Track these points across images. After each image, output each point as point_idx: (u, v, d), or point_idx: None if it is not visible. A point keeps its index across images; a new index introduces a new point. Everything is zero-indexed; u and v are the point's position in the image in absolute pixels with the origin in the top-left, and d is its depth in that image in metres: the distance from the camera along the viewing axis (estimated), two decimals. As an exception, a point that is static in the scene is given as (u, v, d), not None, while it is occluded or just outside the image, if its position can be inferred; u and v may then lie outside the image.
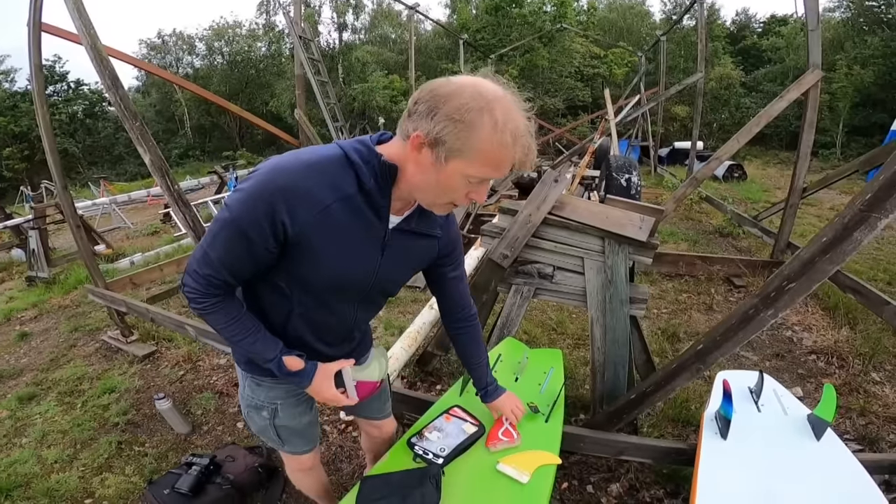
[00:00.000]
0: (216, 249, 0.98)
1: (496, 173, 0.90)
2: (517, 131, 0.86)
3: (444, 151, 0.87)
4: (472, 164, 0.87)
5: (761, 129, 4.45)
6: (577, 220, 1.94)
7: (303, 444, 1.45)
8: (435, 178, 0.92)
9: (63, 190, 3.40)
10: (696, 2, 8.56)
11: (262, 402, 1.31)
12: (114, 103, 2.54)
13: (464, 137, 0.85)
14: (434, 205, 1.00)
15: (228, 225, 0.94)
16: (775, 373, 2.98)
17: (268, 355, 1.10)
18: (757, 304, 1.38)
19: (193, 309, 1.05)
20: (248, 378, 1.30)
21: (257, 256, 0.98)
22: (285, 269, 1.04)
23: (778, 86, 20.08)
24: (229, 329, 1.08)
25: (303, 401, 1.36)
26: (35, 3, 3.00)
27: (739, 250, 5.56)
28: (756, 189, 9.92)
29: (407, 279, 1.23)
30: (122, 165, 24.08)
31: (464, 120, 0.83)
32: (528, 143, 0.88)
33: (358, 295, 1.15)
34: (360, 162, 0.95)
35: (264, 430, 1.37)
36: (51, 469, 2.42)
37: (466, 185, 0.92)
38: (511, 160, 0.88)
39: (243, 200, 0.92)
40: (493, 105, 0.84)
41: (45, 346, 3.95)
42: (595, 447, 1.93)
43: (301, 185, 0.92)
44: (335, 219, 0.96)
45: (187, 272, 1.03)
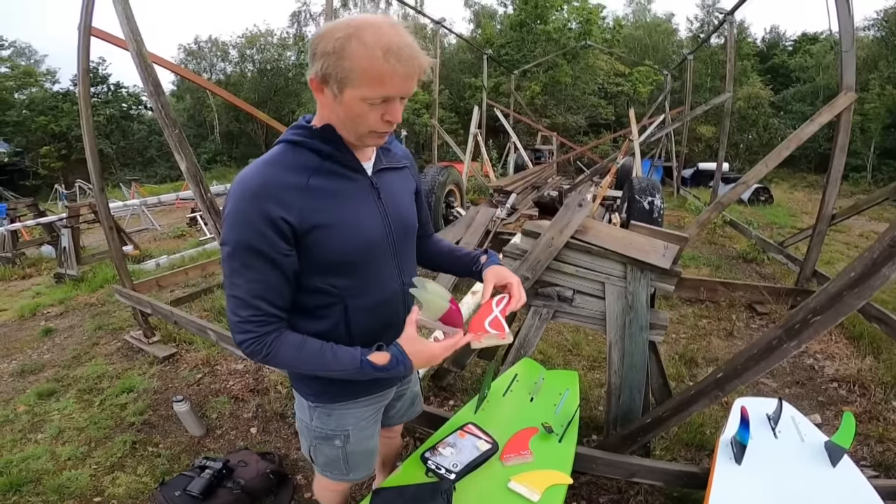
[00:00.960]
0: (240, 287, 0.98)
1: (387, 89, 0.91)
2: (388, 46, 0.88)
3: (334, 84, 0.92)
4: (359, 87, 0.91)
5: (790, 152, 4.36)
6: (599, 245, 1.94)
7: (367, 468, 1.44)
8: (342, 111, 0.96)
9: (100, 192, 3.51)
10: (725, 20, 8.48)
11: (333, 430, 1.29)
12: (155, 110, 2.62)
13: (341, 65, 0.89)
14: (361, 137, 1.02)
15: (235, 252, 0.96)
16: (795, 400, 2.92)
17: (354, 363, 1.04)
18: (781, 335, 1.36)
19: (260, 360, 1.02)
20: (316, 409, 1.27)
21: (280, 267, 0.99)
22: (316, 265, 1.05)
23: (807, 106, 19.68)
24: (303, 356, 1.03)
25: (372, 421, 1.36)
26: (87, 8, 3.09)
27: (763, 277, 5.45)
28: (782, 213, 9.71)
29: (414, 210, 1.26)
30: (153, 168, 24.75)
31: (335, 50, 0.88)
32: (408, 54, 0.90)
33: (388, 249, 1.14)
34: (303, 139, 1.02)
35: (334, 460, 1.34)
36: (63, 466, 2.45)
37: (370, 108, 0.94)
38: (393, 73, 0.90)
39: (233, 222, 0.95)
40: (360, 30, 0.88)
41: (69, 342, 4.04)
42: (607, 469, 1.91)
43: (272, 179, 0.97)
44: (323, 190, 1.01)
45: (233, 332, 1.01)
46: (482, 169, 10.02)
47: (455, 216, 6.37)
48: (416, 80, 0.95)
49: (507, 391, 1.78)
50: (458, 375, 2.95)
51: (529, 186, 7.52)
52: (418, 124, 21.09)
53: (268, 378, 3.13)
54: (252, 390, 3.05)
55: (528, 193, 7.19)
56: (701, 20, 25.54)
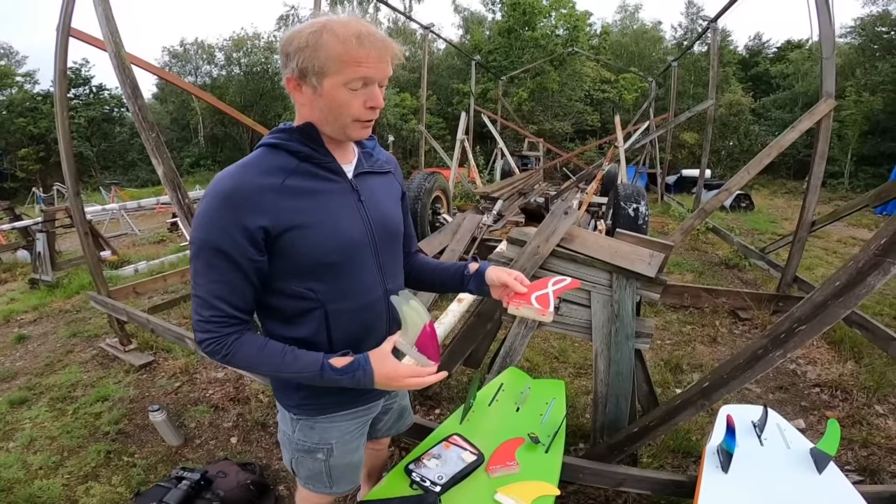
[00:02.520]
0: (203, 286, 0.97)
1: (363, 70, 0.94)
2: (358, 32, 0.92)
3: (313, 78, 0.94)
4: (337, 73, 0.93)
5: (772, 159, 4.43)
6: (585, 253, 1.92)
7: (352, 482, 1.41)
8: (324, 104, 0.97)
9: (75, 196, 3.42)
10: (709, 28, 8.63)
11: (315, 444, 1.26)
12: (132, 113, 2.57)
13: (317, 56, 0.92)
14: (345, 128, 1.02)
15: (202, 252, 0.96)
16: (778, 405, 2.95)
17: (315, 366, 1.01)
18: (766, 345, 1.36)
19: (220, 360, 1.01)
20: (298, 422, 1.24)
21: (244, 271, 0.97)
22: (293, 269, 1.03)
23: (787, 113, 20.13)
24: (263, 357, 1.02)
25: (357, 435, 1.32)
26: (66, 8, 3.02)
27: (745, 282, 5.52)
28: (763, 220, 9.89)
29: (399, 215, 1.24)
30: (135, 171, 24.33)
31: (309, 44, 0.92)
32: (379, 38, 0.94)
33: (369, 252, 1.12)
34: (282, 142, 1.02)
35: (317, 474, 1.31)
36: (35, 475, 2.40)
37: (352, 95, 0.96)
38: (369, 56, 0.93)
39: (203, 221, 0.95)
40: (329, 24, 0.93)
41: (42, 349, 3.95)
42: (594, 478, 1.90)
43: (248, 182, 0.97)
44: (298, 190, 1.01)
45: (194, 329, 1.01)
46: (469, 175, 10.03)
47: (441, 223, 6.35)
48: (390, 64, 0.98)
49: (492, 401, 1.76)
50: (444, 384, 2.92)
51: (516, 193, 7.54)
52: (406, 130, 21.12)
53: (249, 387, 3.07)
54: (232, 399, 2.99)
55: (514, 200, 7.21)
56: (685, 28, 26.08)
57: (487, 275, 1.24)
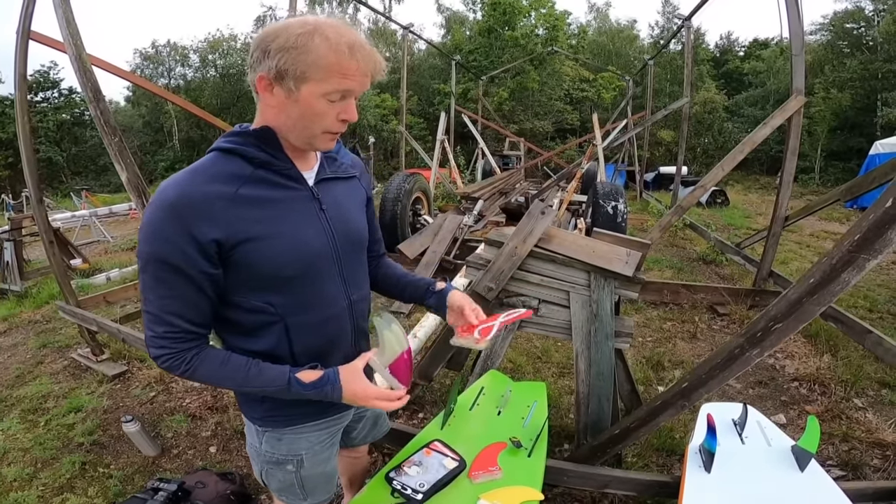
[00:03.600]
0: (153, 302, 0.92)
1: (348, 82, 0.90)
2: (352, 42, 0.88)
3: (291, 81, 0.88)
4: (320, 81, 0.88)
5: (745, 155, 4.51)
6: (563, 253, 1.91)
7: (326, 492, 1.36)
8: (296, 110, 0.91)
9: (38, 203, 3.31)
10: (682, 26, 8.78)
11: (284, 456, 1.21)
12: (94, 117, 2.49)
13: (303, 59, 0.86)
14: (313, 139, 0.97)
15: (150, 268, 0.90)
16: (759, 400, 2.99)
17: (281, 380, 0.98)
18: (743, 344, 1.36)
19: (180, 375, 0.97)
20: (264, 434, 1.19)
21: (196, 285, 0.92)
22: (251, 282, 0.98)
23: (759, 110, 20.62)
24: (225, 372, 0.98)
25: (327, 445, 1.28)
26: (26, 11, 2.95)
27: (722, 278, 5.62)
28: (738, 215, 10.11)
29: (363, 222, 1.19)
30: (107, 176, 23.66)
31: (297, 45, 0.85)
32: (369, 51, 0.91)
33: (332, 263, 1.08)
34: (236, 146, 0.96)
35: (288, 486, 1.27)
36: (10, 487, 2.35)
37: (328, 105, 0.91)
38: (356, 68, 0.89)
39: (148, 234, 0.89)
40: (321, 27, 0.87)
41: (12, 361, 3.82)
42: (579, 481, 1.90)
43: (195, 190, 0.90)
44: (254, 201, 0.94)
45: (148, 345, 0.95)
46: (450, 175, 10.02)
47: (422, 224, 6.31)
48: (372, 79, 0.94)
49: (473, 405, 1.73)
50: (426, 388, 2.88)
51: (497, 193, 7.56)
52: (386, 131, 21.01)
53: (227, 395, 3.00)
54: (210, 408, 2.93)
55: (495, 200, 7.22)
56: (661, 26, 26.52)
57: (450, 297, 1.25)
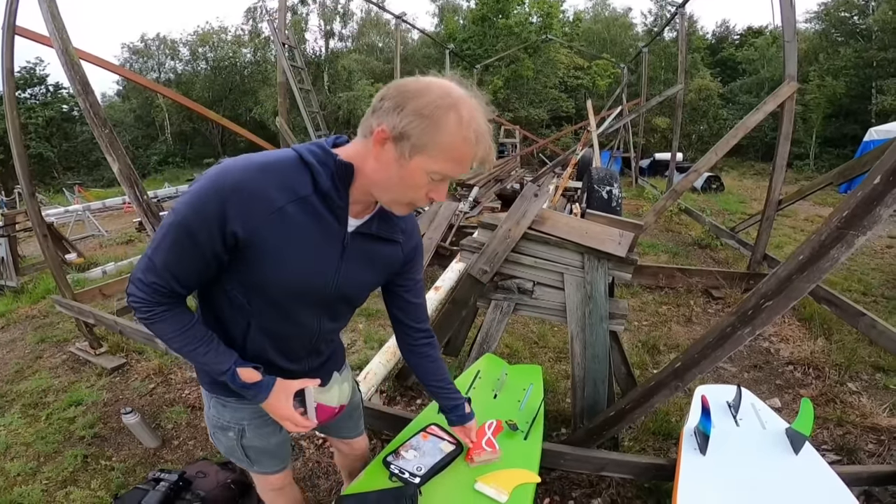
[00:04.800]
0: (161, 255, 0.93)
1: (459, 169, 0.91)
2: (480, 131, 0.87)
3: (408, 147, 0.86)
4: (435, 160, 0.87)
5: (738, 140, 4.53)
6: (556, 235, 1.92)
7: (273, 465, 1.39)
8: (397, 174, 0.90)
9: (30, 197, 3.30)
10: (676, 13, 8.73)
11: (227, 422, 1.25)
12: (84, 110, 2.48)
13: (430, 133, 0.85)
14: (394, 203, 0.98)
15: (175, 228, 0.90)
16: (753, 384, 3.00)
17: (221, 366, 1.04)
18: (734, 322, 1.37)
19: (139, 319, 1.00)
20: (212, 398, 1.24)
21: (205, 261, 0.93)
22: (241, 277, 0.99)
23: (753, 97, 20.62)
24: (178, 339, 1.02)
25: (271, 421, 1.29)
26: (10, 6, 2.93)
27: (717, 262, 5.64)
28: (733, 200, 10.13)
29: (371, 287, 1.17)
30: (100, 171, 23.50)
31: (431, 116, 0.84)
32: (489, 144, 0.91)
33: (319, 302, 1.09)
34: (315, 163, 0.93)
35: (232, 450, 1.31)
36: (13, 482, 2.36)
37: (428, 182, 0.91)
38: (472, 158, 0.90)
39: (191, 202, 0.88)
40: (460, 104, 0.85)
41: (11, 357, 3.82)
42: (576, 464, 1.91)
43: (252, 185, 0.89)
44: (290, 221, 0.93)
45: (131, 281, 0.97)
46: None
47: (418, 211, 6.31)
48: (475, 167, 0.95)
49: (469, 388, 1.75)
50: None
51: (493, 180, 7.54)
52: (380, 120, 20.86)
53: (226, 387, 3.01)
54: (209, 399, 2.93)
55: (491, 187, 7.21)
56: (655, 14, 26.36)
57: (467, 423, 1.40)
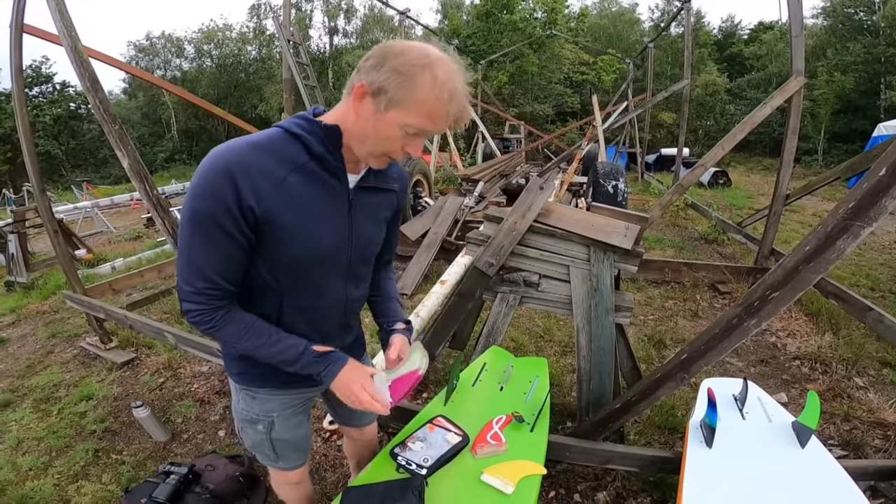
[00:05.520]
0: (197, 257, 0.95)
1: (431, 125, 0.94)
2: (454, 90, 0.91)
3: (384, 100, 0.91)
4: (409, 114, 0.91)
5: (746, 135, 4.50)
6: (562, 227, 1.92)
7: (297, 458, 1.42)
8: (373, 126, 0.95)
9: (40, 193, 3.34)
10: (682, 9, 8.66)
11: (257, 415, 1.26)
12: (93, 106, 2.50)
13: (405, 88, 0.89)
14: (370, 156, 1.01)
15: (198, 224, 0.92)
16: (760, 379, 2.99)
17: (297, 348, 1.07)
18: (740, 314, 1.37)
19: (205, 331, 1.01)
20: (241, 391, 1.25)
21: (239, 245, 0.96)
22: (264, 256, 1.02)
23: (761, 93, 20.46)
24: (248, 338, 1.04)
25: (299, 412, 1.33)
26: (18, 5, 2.96)
27: (724, 257, 5.62)
28: (740, 195, 10.07)
29: (381, 236, 1.23)
30: (107, 168, 23.70)
31: (408, 73, 0.88)
32: (463, 104, 0.94)
33: (342, 265, 1.13)
34: (302, 132, 0.98)
35: (259, 444, 1.33)
36: (25, 476, 2.37)
37: (403, 136, 0.95)
38: (446, 116, 0.93)
39: (202, 193, 0.91)
40: (436, 64, 0.90)
41: (22, 352, 3.85)
42: (581, 456, 1.91)
43: (253, 161, 0.93)
44: (296, 190, 0.98)
45: (182, 299, 0.98)
46: (451, 159, 9.97)
47: (423, 206, 6.32)
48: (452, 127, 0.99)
49: (476, 381, 1.76)
50: (431, 366, 2.92)
51: (498, 175, 7.54)
52: (385, 116, 20.86)
53: (234, 380, 3.04)
54: (218, 392, 2.96)
55: (496, 182, 7.21)
56: (661, 9, 26.15)
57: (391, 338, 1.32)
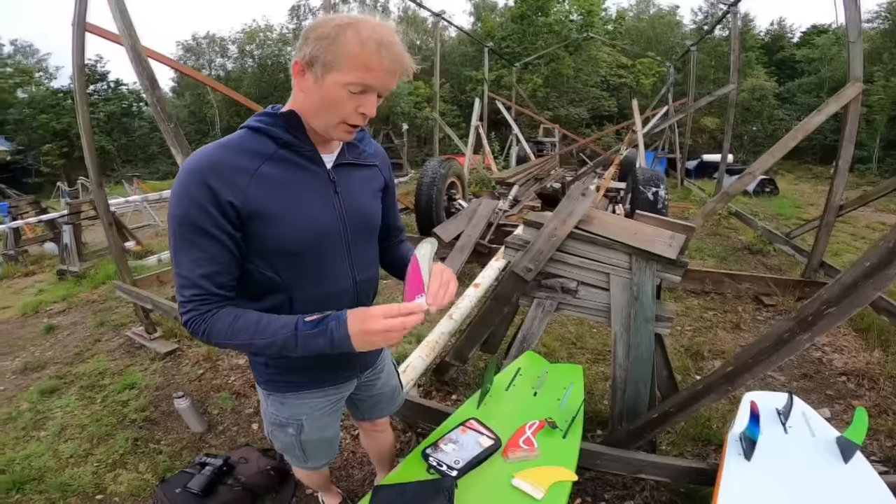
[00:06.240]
0: (185, 265, 0.96)
1: (370, 77, 0.94)
2: (381, 40, 0.91)
3: (319, 68, 0.93)
4: (344, 72, 0.92)
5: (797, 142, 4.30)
6: (604, 235, 1.89)
7: (326, 457, 1.46)
8: (318, 95, 0.96)
9: (98, 188, 3.49)
10: (728, 11, 8.38)
11: (286, 419, 1.29)
12: (151, 105, 2.59)
13: (332, 50, 0.91)
14: (329, 127, 1.01)
15: (180, 230, 0.95)
16: (803, 393, 2.88)
17: (289, 326, 0.95)
18: (793, 328, 1.32)
19: (202, 338, 0.99)
20: (270, 396, 1.28)
21: (224, 246, 0.97)
22: (261, 252, 1.03)
23: (813, 98, 19.58)
24: (238, 326, 0.96)
25: (328, 413, 1.35)
26: (80, 3, 3.03)
27: (769, 268, 5.39)
28: (788, 205, 9.64)
29: (375, 210, 1.23)
30: (155, 164, 24.71)
31: (330, 35, 0.91)
32: (397, 52, 0.94)
33: (339, 245, 1.12)
34: (264, 126, 1.02)
35: (289, 447, 1.36)
36: (65, 464, 2.44)
37: (349, 97, 0.95)
38: (380, 65, 0.93)
39: (179, 200, 0.94)
40: (357, 22, 0.92)
41: (71, 339, 4.03)
42: (613, 464, 1.88)
43: (222, 159, 0.96)
44: (273, 178, 1.00)
45: (180, 311, 0.99)
46: (484, 161, 9.95)
47: (457, 208, 6.33)
48: (397, 79, 0.98)
49: (510, 385, 1.75)
50: (460, 369, 2.92)
51: (532, 178, 7.47)
52: (420, 118, 21.03)
53: (269, 374, 3.11)
54: (253, 385, 3.02)
55: (530, 185, 7.14)
56: (705, 12, 25.37)
57: None
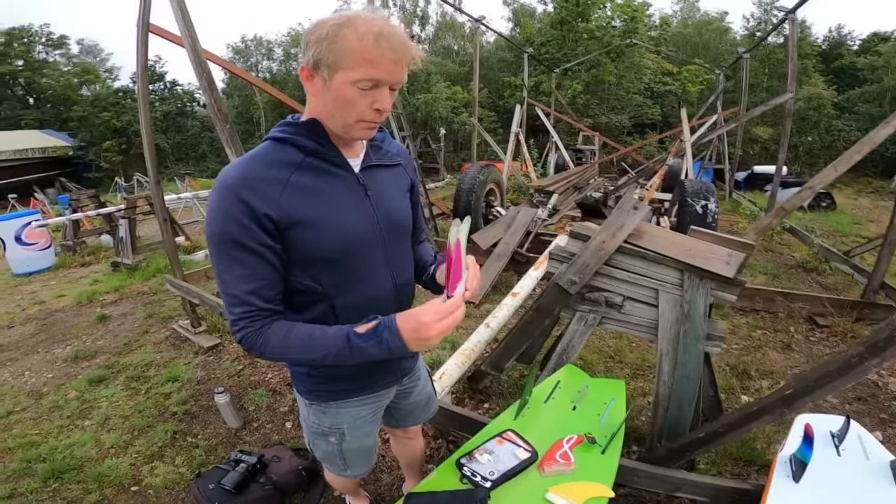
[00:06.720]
0: (230, 282, 0.97)
1: (377, 71, 0.92)
2: (380, 32, 0.90)
3: (325, 70, 0.93)
4: (350, 69, 0.91)
5: (863, 156, 4.03)
6: (655, 250, 1.83)
7: (365, 466, 1.46)
8: (330, 98, 0.96)
9: (156, 185, 3.63)
10: (785, 18, 8.00)
11: (328, 428, 1.30)
12: (208, 105, 2.67)
13: (333, 49, 0.91)
14: (347, 127, 1.00)
15: (220, 248, 0.96)
16: (855, 416, 2.66)
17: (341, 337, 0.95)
18: (863, 353, 1.23)
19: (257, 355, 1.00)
20: (311, 406, 1.29)
21: (266, 260, 0.98)
22: (301, 261, 1.03)
23: (875, 107, 18.44)
24: (291, 340, 0.98)
25: (369, 421, 1.35)
26: (144, 5, 3.15)
27: (825, 287, 5.09)
28: (846, 221, 9.08)
29: (407, 208, 1.23)
30: (205, 163, 25.72)
31: (328, 36, 0.91)
32: (397, 41, 0.92)
33: (378, 249, 1.12)
34: (288, 136, 1.02)
35: (331, 456, 1.37)
36: (106, 454, 2.50)
37: (360, 94, 0.94)
38: (383, 57, 0.91)
39: (216, 217, 0.95)
40: (353, 19, 0.91)
41: (121, 329, 4.20)
42: (650, 482, 1.82)
43: (253, 173, 0.97)
44: (305, 186, 1.00)
45: (231, 330, 1.00)
46: (522, 168, 9.87)
47: (495, 215, 6.29)
48: (405, 68, 0.96)
49: (548, 398, 1.71)
50: (494, 378, 2.88)
51: (571, 187, 7.35)
52: (457, 123, 21.08)
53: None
54: (289, 384, 3.06)
55: (569, 194, 7.03)
56: (758, 18, 24.39)
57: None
